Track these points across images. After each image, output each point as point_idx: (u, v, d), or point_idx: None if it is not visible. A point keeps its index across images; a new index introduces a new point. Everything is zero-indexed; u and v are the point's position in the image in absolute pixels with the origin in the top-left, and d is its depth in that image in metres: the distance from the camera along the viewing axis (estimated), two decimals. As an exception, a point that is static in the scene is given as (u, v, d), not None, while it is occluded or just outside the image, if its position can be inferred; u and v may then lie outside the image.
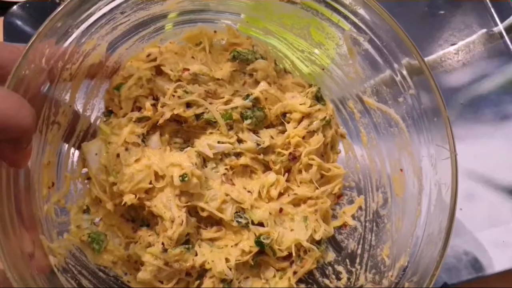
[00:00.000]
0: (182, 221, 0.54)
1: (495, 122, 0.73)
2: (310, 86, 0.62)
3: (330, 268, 0.60)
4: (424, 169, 0.53)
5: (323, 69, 0.62)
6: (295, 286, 0.57)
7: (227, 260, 0.55)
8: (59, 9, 0.46)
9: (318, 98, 0.61)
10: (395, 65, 0.54)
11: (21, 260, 0.44)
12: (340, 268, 0.59)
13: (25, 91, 0.45)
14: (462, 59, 0.75)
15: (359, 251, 0.59)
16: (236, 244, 0.56)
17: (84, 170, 0.57)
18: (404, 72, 0.54)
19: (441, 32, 0.78)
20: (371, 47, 0.55)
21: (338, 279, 0.58)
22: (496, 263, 0.65)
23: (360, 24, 0.54)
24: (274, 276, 0.58)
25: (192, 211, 0.57)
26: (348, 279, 0.58)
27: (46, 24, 0.45)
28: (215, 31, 0.60)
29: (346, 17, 0.55)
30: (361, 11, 0.53)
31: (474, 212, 0.68)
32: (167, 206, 0.54)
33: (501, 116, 0.73)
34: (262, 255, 0.58)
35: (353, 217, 0.61)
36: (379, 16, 0.52)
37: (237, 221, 0.56)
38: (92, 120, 0.58)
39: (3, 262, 0.41)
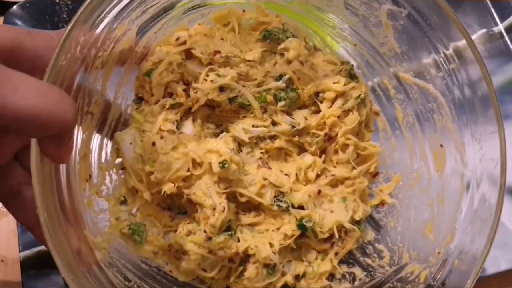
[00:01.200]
0: (224, 208, 0.53)
1: (495, 122, 0.73)
2: (343, 63, 0.60)
3: (370, 247, 0.59)
4: (467, 145, 0.53)
5: (355, 45, 0.60)
6: (338, 267, 0.57)
7: (271, 244, 0.54)
8: (94, -6, 0.44)
9: (351, 76, 0.60)
10: (434, 39, 0.53)
11: (72, 257, 0.43)
12: (381, 246, 0.59)
13: (62, 82, 0.43)
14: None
15: (399, 229, 0.58)
16: (278, 229, 0.56)
17: (118, 160, 0.55)
18: (444, 45, 0.52)
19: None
20: (409, 21, 0.53)
21: (380, 257, 0.58)
22: (496, 263, 0.65)
23: (398, -2, 0.53)
24: (316, 258, 0.57)
25: (230, 197, 0.56)
26: (391, 257, 0.57)
27: (82, 10, 0.43)
28: (243, 10, 0.58)
29: (383, -9, 0.53)
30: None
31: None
32: (207, 193, 0.53)
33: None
34: (303, 238, 0.57)
35: (391, 195, 0.60)
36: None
37: (278, 205, 0.55)
38: (123, 109, 0.56)
39: (56, 260, 0.40)
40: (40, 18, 0.39)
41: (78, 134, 0.49)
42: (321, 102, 0.59)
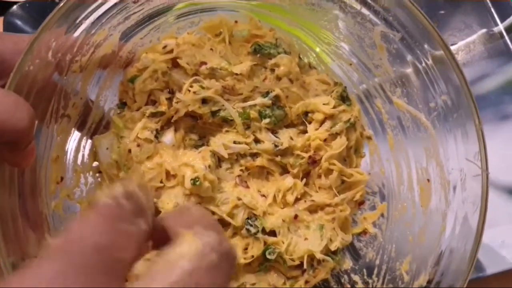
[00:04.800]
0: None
1: (495, 122, 0.71)
2: (336, 84, 0.58)
3: (346, 276, 0.57)
4: (452, 183, 0.49)
5: (350, 64, 0.57)
6: (306, 296, 0.55)
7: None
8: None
9: (343, 98, 0.57)
10: (428, 68, 0.49)
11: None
12: (356, 277, 0.56)
13: (30, 87, 0.43)
14: (462, 59, 0.73)
15: (377, 262, 0.56)
16: (245, 249, 0.54)
17: (95, 163, 0.55)
18: (437, 76, 0.49)
19: (441, 32, 0.75)
20: (402, 45, 0.50)
21: (353, 289, 0.56)
22: (496, 263, 0.63)
23: (392, 20, 0.50)
24: (284, 283, 0.55)
25: (203, 211, 0.55)
26: (364, 291, 0.55)
27: (52, 15, 0.43)
28: (236, 21, 0.57)
29: (377, 13, 0.50)
30: (394, 8, 0.48)
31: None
32: (173, 201, 0.52)
33: (501, 116, 0.71)
34: (272, 261, 0.55)
35: (374, 224, 0.58)
36: (411, 14, 0.47)
37: (247, 229, 0.54)
38: (105, 111, 0.56)
39: (3, 268, 0.40)
40: (40, 18, 0.40)
41: (50, 136, 0.50)
42: (310, 122, 0.57)
